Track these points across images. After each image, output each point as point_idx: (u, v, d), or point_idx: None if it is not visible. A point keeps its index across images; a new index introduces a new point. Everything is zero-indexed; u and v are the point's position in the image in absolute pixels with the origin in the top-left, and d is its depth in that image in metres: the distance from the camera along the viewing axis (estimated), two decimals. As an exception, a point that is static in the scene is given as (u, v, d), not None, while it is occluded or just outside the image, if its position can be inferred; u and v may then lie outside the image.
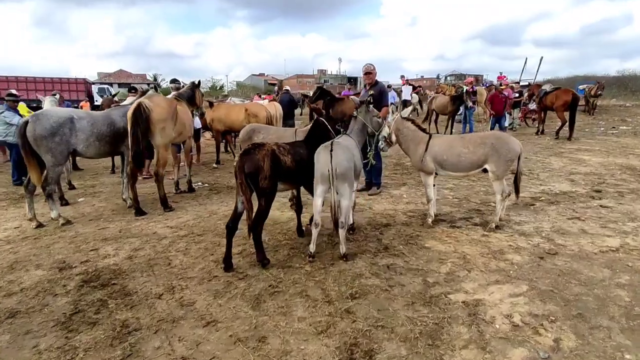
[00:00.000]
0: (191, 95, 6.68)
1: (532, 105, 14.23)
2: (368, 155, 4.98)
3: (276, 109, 9.51)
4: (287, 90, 12.26)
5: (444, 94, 14.59)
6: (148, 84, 7.15)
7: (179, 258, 4.16)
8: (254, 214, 3.85)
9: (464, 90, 11.61)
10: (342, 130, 4.66)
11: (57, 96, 8.28)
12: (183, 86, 7.22)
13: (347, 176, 3.75)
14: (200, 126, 8.94)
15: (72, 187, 7.55)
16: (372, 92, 6.28)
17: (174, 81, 7.71)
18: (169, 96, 6.61)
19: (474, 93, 12.85)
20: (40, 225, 5.14)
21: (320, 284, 3.51)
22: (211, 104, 9.28)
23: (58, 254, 4.27)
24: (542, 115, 12.86)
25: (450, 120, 12.25)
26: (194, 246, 4.45)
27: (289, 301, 3.24)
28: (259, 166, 3.77)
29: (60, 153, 4.93)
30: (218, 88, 56.17)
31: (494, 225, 4.69)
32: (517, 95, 13.56)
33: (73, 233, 4.91)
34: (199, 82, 6.67)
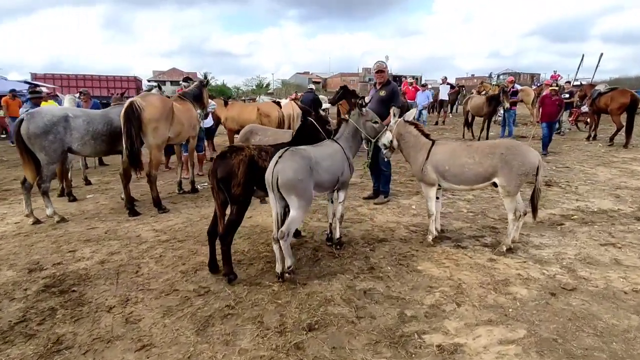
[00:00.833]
0: (198, 94, 6.54)
1: (585, 108, 12.77)
2: (363, 165, 4.51)
3: (293, 108, 9.19)
4: (312, 89, 11.93)
5: (486, 94, 13.51)
6: (156, 83, 7.20)
7: (149, 266, 3.95)
8: (225, 222, 3.57)
9: (503, 90, 10.59)
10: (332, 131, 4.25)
11: (77, 94, 8.50)
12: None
13: (291, 187, 3.30)
14: (212, 124, 8.86)
15: (88, 183, 7.73)
16: (383, 92, 5.79)
17: (186, 79, 7.63)
18: (174, 95, 6.52)
19: (515, 93, 11.74)
20: (37, 222, 5.19)
21: (282, 308, 3.12)
22: (226, 103, 9.17)
23: (36, 254, 4.23)
24: (595, 118, 11.47)
25: (486, 123, 11.25)
26: (169, 253, 4.23)
27: (238, 327, 2.89)
28: (232, 172, 3.46)
29: (54, 151, 4.93)
30: (264, 86, 57.35)
31: (504, 249, 4.03)
32: (567, 96, 12.20)
33: (62, 232, 4.89)
34: (207, 81, 6.50)
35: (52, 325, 2.96)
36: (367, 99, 6.06)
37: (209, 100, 8.29)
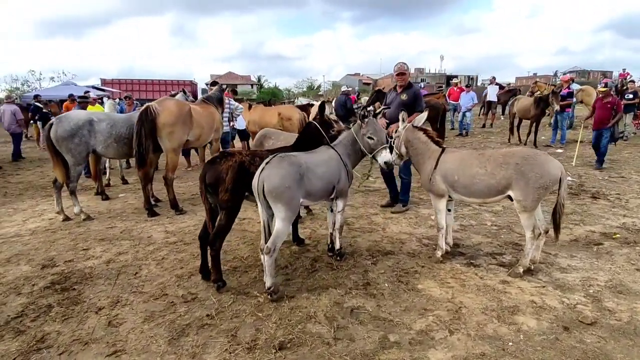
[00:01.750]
0: (220, 98, 6.66)
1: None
2: (362, 177, 4.28)
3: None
4: (347, 91, 11.72)
5: (540, 94, 12.43)
6: (183, 90, 7.48)
7: (149, 268, 4.03)
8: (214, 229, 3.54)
9: (553, 91, 9.64)
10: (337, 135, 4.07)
11: (117, 100, 9.04)
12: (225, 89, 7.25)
13: (278, 195, 3.14)
14: (244, 127, 8.99)
15: (125, 182, 8.18)
16: (404, 96, 5.49)
17: (214, 84, 7.80)
18: (198, 99, 6.68)
19: (570, 94, 10.65)
20: (67, 219, 5.55)
21: (260, 322, 3.01)
22: (250, 106, 9.28)
23: (54, 251, 4.50)
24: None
25: (534, 126, 10.31)
26: (172, 256, 4.30)
27: (210, 340, 2.82)
28: (220, 177, 3.42)
29: (79, 153, 5.24)
30: (315, 88, 57.97)
31: (520, 270, 3.59)
32: (630, 96, 10.85)
33: (83, 230, 5.18)
34: (226, 86, 6.59)
35: (42, 322, 3.09)
36: (385, 102, 5.82)
37: (237, 104, 8.45)
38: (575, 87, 12.99)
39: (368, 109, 4.17)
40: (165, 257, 4.27)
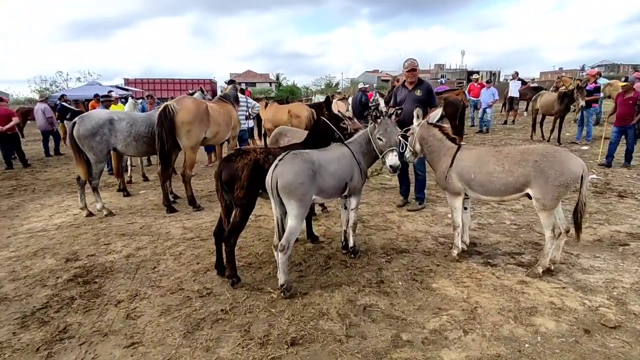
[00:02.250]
0: (236, 96, 6.73)
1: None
2: (371, 172, 4.24)
3: (337, 107, 9.05)
4: (364, 88, 11.64)
5: (566, 89, 12.01)
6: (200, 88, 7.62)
7: (167, 263, 4.12)
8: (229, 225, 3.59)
9: (578, 86, 9.30)
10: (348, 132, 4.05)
11: (140, 100, 9.26)
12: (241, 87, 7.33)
13: (291, 191, 3.15)
14: (253, 125, 9.13)
15: (145, 179, 8.38)
16: (418, 92, 5.41)
17: (230, 82, 7.87)
18: (216, 98, 6.77)
19: (597, 89, 10.24)
20: (90, 215, 5.73)
21: (273, 318, 3.03)
22: (266, 104, 9.39)
23: (77, 245, 4.66)
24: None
25: (557, 123, 9.98)
26: (189, 252, 4.38)
27: (224, 334, 2.86)
28: (236, 175, 3.46)
29: (100, 151, 5.40)
30: (333, 85, 57.92)
31: (539, 270, 3.49)
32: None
33: (105, 225, 5.34)
34: (245, 84, 6.65)
35: (65, 314, 3.21)
36: (394, 100, 5.74)
37: (255, 102, 8.53)
38: (602, 81, 12.48)
39: (380, 108, 4.12)
40: (183, 253, 4.35)
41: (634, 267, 3.65)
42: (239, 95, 7.80)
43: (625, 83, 7.77)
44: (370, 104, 15.34)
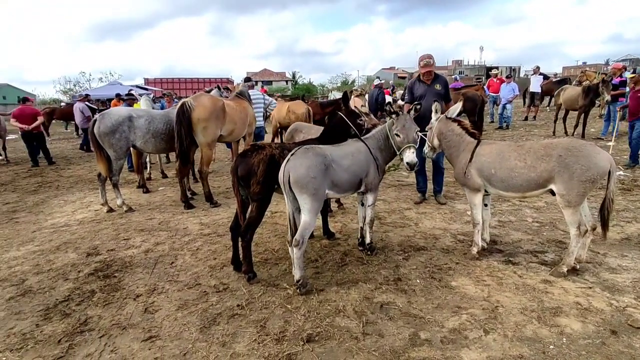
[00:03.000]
0: (245, 92, 6.75)
1: None
2: (391, 166, 4.15)
3: (354, 104, 9.00)
4: (380, 84, 11.54)
5: (589, 83, 11.61)
6: (218, 86, 7.69)
7: (184, 258, 4.16)
8: (245, 220, 3.59)
9: (603, 80, 8.96)
10: (364, 127, 4.00)
11: (152, 95, 9.41)
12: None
13: (303, 185, 3.11)
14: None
15: (164, 176, 8.50)
16: (438, 86, 5.31)
17: (247, 80, 7.91)
18: (232, 94, 6.80)
19: (624, 83, 9.84)
20: (111, 210, 5.85)
21: (289, 314, 3.02)
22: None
23: (98, 240, 4.75)
24: None
25: (582, 118, 9.64)
26: (206, 247, 4.41)
27: (240, 329, 2.86)
28: (252, 170, 3.46)
29: (120, 148, 5.50)
30: (349, 83, 57.73)
31: (564, 269, 3.37)
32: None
33: (125, 221, 5.44)
34: (261, 82, 6.66)
35: (86, 307, 3.27)
36: (410, 95, 5.64)
37: (272, 99, 8.53)
38: (628, 75, 12.01)
39: (398, 103, 4.05)
40: (200, 248, 4.39)
41: (666, 267, 3.48)
42: (256, 91, 7.83)
43: (634, 75, 7.31)
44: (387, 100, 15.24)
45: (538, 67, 15.31)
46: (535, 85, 14.33)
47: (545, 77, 14.54)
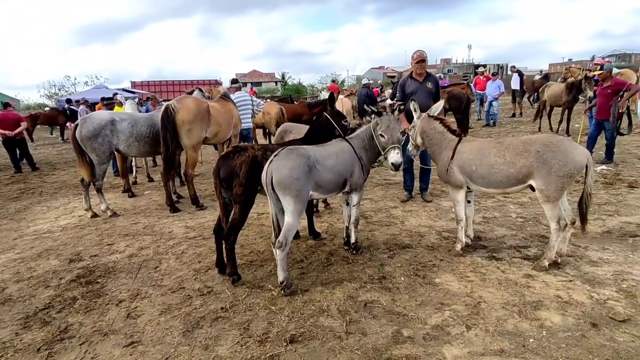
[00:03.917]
0: (227, 94, 6.72)
1: None
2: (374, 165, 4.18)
3: (343, 104, 9.00)
4: (367, 84, 11.56)
5: (575, 79, 11.77)
6: (198, 87, 7.71)
7: (169, 262, 4.12)
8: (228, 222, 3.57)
9: (586, 76, 9.10)
10: (349, 127, 4.00)
11: (137, 99, 9.31)
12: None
13: (286, 187, 3.11)
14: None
15: (151, 180, 8.41)
16: (429, 84, 5.34)
17: (234, 81, 7.86)
18: (217, 96, 6.76)
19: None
20: (95, 216, 5.76)
21: (273, 315, 3.00)
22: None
23: (81, 246, 4.68)
24: None
25: (565, 114, 9.78)
26: (191, 250, 4.37)
27: (224, 332, 2.84)
28: (235, 172, 3.44)
29: (103, 152, 5.43)
30: (339, 83, 57.84)
31: (546, 263, 3.41)
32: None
33: (109, 226, 5.36)
34: (244, 83, 6.63)
35: (67, 314, 3.21)
36: (401, 93, 5.65)
37: (259, 101, 8.49)
38: (613, 70, 12.21)
39: (387, 102, 4.06)
40: (185, 252, 4.35)
41: (644, 258, 3.54)
42: (243, 93, 7.75)
43: (601, 72, 7.24)
44: (381, 98, 15.28)
45: (514, 66, 15.59)
46: (515, 83, 14.61)
47: (520, 74, 14.89)
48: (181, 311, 3.15)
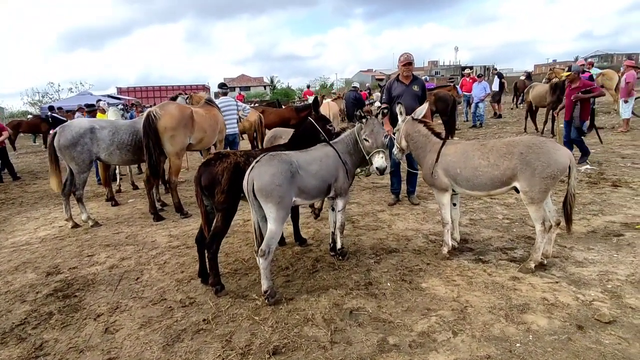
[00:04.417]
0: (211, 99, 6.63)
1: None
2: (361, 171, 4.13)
3: (330, 108, 8.97)
4: (355, 87, 11.56)
5: (558, 80, 11.92)
6: (185, 93, 7.62)
7: (151, 272, 4.01)
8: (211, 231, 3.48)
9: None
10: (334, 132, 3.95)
11: (120, 106, 9.15)
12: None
13: (268, 194, 3.05)
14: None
15: (135, 188, 8.26)
16: (416, 87, 5.33)
17: (222, 86, 7.75)
18: (201, 102, 6.66)
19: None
20: (76, 226, 5.61)
21: (256, 326, 2.92)
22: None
23: (59, 258, 4.54)
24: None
25: (550, 114, 9.89)
26: (174, 260, 4.27)
27: (205, 345, 2.75)
28: (216, 179, 3.36)
29: (82, 161, 5.29)
30: (328, 86, 58.01)
31: (532, 265, 3.39)
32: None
33: (90, 236, 5.22)
34: (232, 88, 6.55)
35: (42, 330, 3.09)
36: (387, 95, 5.62)
37: (245, 106, 8.40)
38: (595, 71, 12.43)
39: (376, 105, 4.03)
40: (167, 262, 4.24)
41: (629, 258, 3.55)
42: (229, 98, 7.64)
43: (568, 73, 7.26)
44: (369, 101, 15.27)
45: (495, 69, 15.85)
46: (495, 85, 14.91)
47: (500, 75, 15.28)
48: (162, 324, 3.05)
